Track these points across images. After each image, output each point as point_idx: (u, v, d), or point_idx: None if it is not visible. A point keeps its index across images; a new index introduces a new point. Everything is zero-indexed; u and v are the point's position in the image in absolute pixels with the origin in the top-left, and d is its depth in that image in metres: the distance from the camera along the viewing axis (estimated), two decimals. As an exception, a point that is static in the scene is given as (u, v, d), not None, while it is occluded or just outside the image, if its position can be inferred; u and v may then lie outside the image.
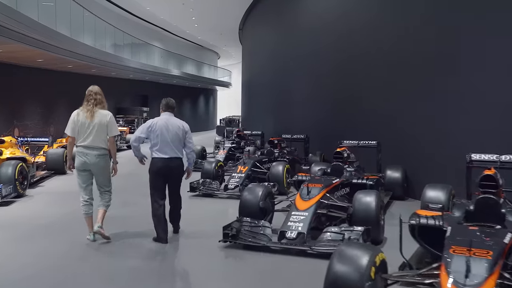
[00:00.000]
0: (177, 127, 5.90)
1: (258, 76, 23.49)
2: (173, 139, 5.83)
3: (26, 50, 11.11)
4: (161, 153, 5.81)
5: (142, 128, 5.97)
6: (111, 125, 5.81)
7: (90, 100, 5.79)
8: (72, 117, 5.78)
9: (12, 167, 8.75)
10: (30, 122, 16.03)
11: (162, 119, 5.94)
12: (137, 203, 8.30)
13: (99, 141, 5.70)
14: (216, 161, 10.25)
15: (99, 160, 5.72)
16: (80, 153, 5.69)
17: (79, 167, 5.73)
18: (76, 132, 5.70)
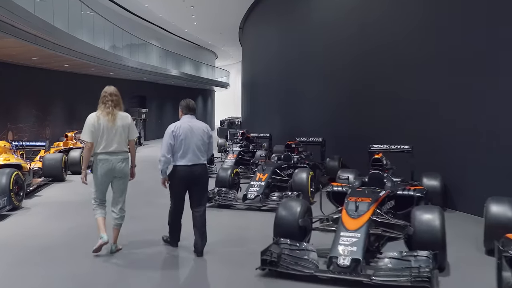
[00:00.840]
0: (201, 131, 5.52)
1: (262, 76, 22.60)
2: (197, 144, 5.44)
3: (22, 46, 10.16)
4: (184, 160, 5.39)
5: (166, 136, 5.43)
6: (132, 128, 5.52)
7: (108, 102, 5.40)
8: (91, 121, 5.32)
9: (7, 176, 7.81)
10: (24, 124, 15.03)
11: (185, 122, 5.50)
12: (144, 214, 7.43)
13: (122, 145, 5.40)
14: (231, 167, 9.34)
15: (124, 165, 5.43)
16: (103, 160, 5.32)
17: (103, 175, 5.38)
18: (96, 137, 5.30)
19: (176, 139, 5.36)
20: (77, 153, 12.80)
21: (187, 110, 5.61)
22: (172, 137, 5.38)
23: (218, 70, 44.03)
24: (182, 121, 5.53)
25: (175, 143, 5.37)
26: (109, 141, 5.31)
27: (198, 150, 5.43)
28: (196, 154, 5.42)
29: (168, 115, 32.67)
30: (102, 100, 5.43)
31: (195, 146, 5.40)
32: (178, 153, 5.37)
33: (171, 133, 5.39)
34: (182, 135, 5.37)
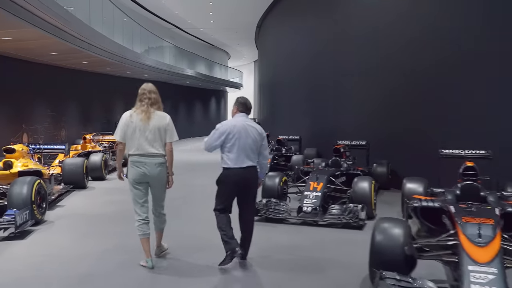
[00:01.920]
0: (255, 132, 5.09)
1: (285, 75, 21.49)
2: (251, 146, 5.03)
3: (41, 38, 9.14)
4: (237, 162, 4.97)
5: (215, 134, 5.02)
6: (171, 129, 5.01)
7: (144, 100, 4.95)
8: (124, 120, 4.94)
9: (28, 186, 6.76)
10: (39, 126, 14.01)
11: (239, 121, 5.06)
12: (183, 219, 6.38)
13: (158, 147, 4.92)
14: (279, 175, 8.24)
15: (160, 170, 4.96)
16: (137, 162, 4.88)
17: (136, 180, 4.91)
18: (127, 137, 4.90)
19: (229, 138, 4.96)
20: (97, 157, 11.76)
21: (244, 108, 5.17)
22: (222, 134, 4.97)
23: (230, 71, 43.01)
24: (236, 119, 5.09)
25: (228, 143, 4.97)
26: (141, 142, 4.86)
27: (251, 152, 5.04)
28: (250, 156, 5.03)
29: (182, 116, 31.66)
30: (140, 98, 4.99)
31: (248, 148, 5.00)
32: (231, 154, 4.96)
33: (221, 133, 4.99)
34: (236, 135, 4.95)
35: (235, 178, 4.99)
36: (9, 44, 9.51)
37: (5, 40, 8.87)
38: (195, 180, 11.19)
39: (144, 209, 4.98)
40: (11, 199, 6.62)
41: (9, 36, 8.48)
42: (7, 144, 11.78)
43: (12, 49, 10.38)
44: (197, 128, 34.19)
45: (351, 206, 7.16)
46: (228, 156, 4.99)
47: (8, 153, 8.57)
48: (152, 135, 4.87)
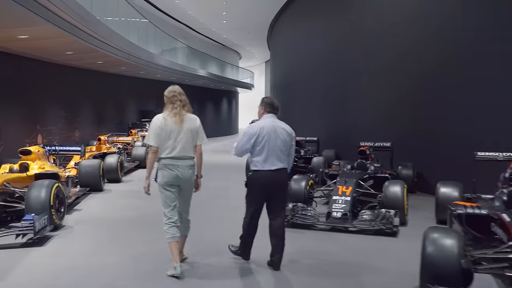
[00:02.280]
0: (285, 133, 4.98)
1: (300, 75, 21.16)
2: (281, 147, 4.91)
3: (58, 37, 8.88)
4: (267, 164, 4.86)
5: (244, 138, 4.95)
6: (201, 131, 4.97)
7: (176, 102, 4.86)
8: (157, 124, 4.82)
9: (46, 189, 6.47)
10: (54, 127, 13.76)
11: (268, 122, 4.95)
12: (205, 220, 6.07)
13: (189, 149, 4.87)
14: (306, 178, 7.90)
15: (191, 173, 4.89)
16: (170, 165, 4.79)
17: (169, 183, 4.80)
18: (161, 141, 4.77)
19: (258, 141, 4.86)
20: (113, 159, 11.48)
21: (271, 108, 5.06)
22: (252, 139, 4.88)
23: (241, 72, 42.68)
24: (264, 120, 4.98)
25: (257, 145, 4.86)
26: (175, 145, 4.77)
27: (281, 154, 4.92)
28: (280, 158, 4.91)
29: (194, 117, 31.37)
30: (171, 100, 4.87)
31: (278, 149, 4.89)
32: (261, 156, 4.86)
33: (251, 134, 4.89)
34: (266, 136, 4.84)
35: (264, 181, 4.88)
36: (25, 43, 9.26)
37: (22, 38, 8.61)
38: (212, 182, 10.87)
39: (174, 212, 4.87)
40: (29, 203, 6.33)
41: (25, 34, 8.22)
42: (22, 145, 11.57)
43: (28, 48, 10.13)
44: (209, 129, 33.77)
45: (383, 212, 6.82)
46: (258, 159, 4.88)
47: (24, 155, 8.32)
48: (185, 138, 4.80)
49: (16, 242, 5.77)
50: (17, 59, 11.34)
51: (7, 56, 10.87)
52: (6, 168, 7.91)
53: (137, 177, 12.65)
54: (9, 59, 11.00)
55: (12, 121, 11.09)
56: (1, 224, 6.70)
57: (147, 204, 8.71)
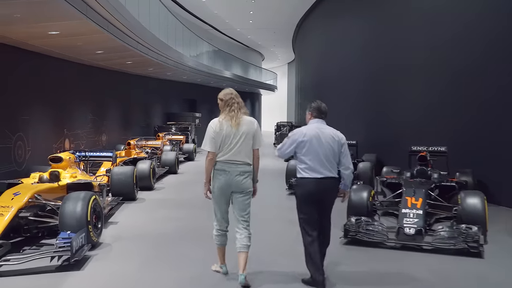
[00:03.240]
0: (331, 138, 4.69)
1: (332, 76, 20.28)
2: (326, 154, 4.63)
3: (92, 33, 8.20)
4: (312, 172, 4.59)
5: (287, 142, 4.76)
6: (259, 135, 4.76)
7: (233, 105, 4.70)
8: (213, 128, 4.63)
9: (83, 203, 5.72)
10: (81, 131, 13.11)
11: (313, 128, 4.73)
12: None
13: (245, 154, 4.64)
14: (367, 188, 7.04)
15: (244, 178, 4.63)
16: (222, 170, 4.61)
17: (221, 188, 4.62)
18: (218, 146, 4.59)
19: (300, 147, 4.64)
20: (145, 165, 10.75)
21: (318, 113, 4.80)
22: (294, 144, 4.67)
23: (264, 73, 41.89)
24: (310, 126, 4.75)
25: (299, 152, 4.65)
26: (230, 149, 4.58)
27: (327, 161, 4.61)
28: (326, 166, 4.60)
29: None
30: (227, 103, 4.70)
31: (323, 156, 4.60)
32: (305, 163, 4.61)
33: (295, 139, 4.68)
34: (308, 143, 4.61)
35: (311, 188, 4.59)
36: (55, 40, 8.58)
37: (53, 34, 7.92)
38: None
39: (224, 220, 4.72)
40: (64, 219, 5.60)
41: (57, 29, 7.53)
42: (49, 150, 10.92)
43: (57, 47, 9.47)
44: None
45: (463, 227, 5.93)
46: (302, 166, 4.64)
47: (54, 162, 7.63)
48: (241, 142, 4.59)
49: (50, 264, 5.04)
50: (44, 59, 10.70)
51: (35, 56, 10.23)
52: (36, 177, 7.23)
53: (168, 183, 11.92)
54: (37, 58, 10.36)
55: (39, 125, 10.44)
56: (32, 242, 6.00)
57: (189, 215, 8.00)
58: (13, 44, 8.90)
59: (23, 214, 5.79)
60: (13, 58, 9.35)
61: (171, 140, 17.70)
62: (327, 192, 4.65)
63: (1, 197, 5.93)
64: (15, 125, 9.36)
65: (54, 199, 6.71)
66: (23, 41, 8.41)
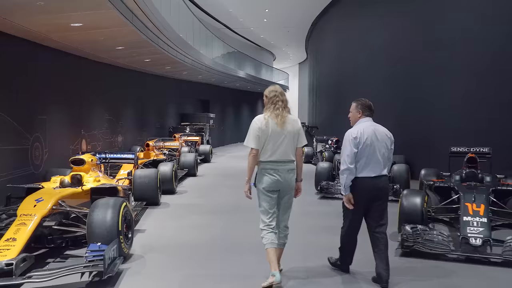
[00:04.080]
0: (385, 137, 4.67)
1: (350, 74, 19.65)
2: (382, 153, 4.60)
3: (114, 25, 7.62)
4: (366, 171, 4.57)
5: (349, 146, 4.58)
6: (302, 134, 4.72)
7: (278, 103, 4.61)
8: (257, 125, 4.57)
9: (113, 210, 5.14)
10: (97, 131, 12.54)
11: (368, 126, 4.66)
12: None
13: (290, 153, 4.60)
14: (420, 193, 6.40)
15: (292, 177, 4.62)
16: (270, 170, 4.55)
17: (268, 188, 4.55)
18: (262, 143, 4.54)
19: (360, 146, 4.54)
20: (167, 167, 10.18)
21: (368, 111, 4.75)
22: (356, 144, 4.54)
23: (275, 73, 41.23)
24: (363, 124, 4.67)
25: (358, 150, 4.54)
26: (276, 148, 4.52)
27: (382, 160, 4.60)
28: (380, 164, 4.59)
29: (230, 121, 30.16)
30: (272, 101, 4.62)
31: (379, 155, 4.57)
32: (361, 162, 4.55)
33: (353, 140, 4.55)
34: (368, 140, 4.55)
35: (365, 188, 4.56)
36: (76, 34, 8.00)
37: (75, 27, 7.33)
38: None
39: (273, 218, 4.59)
40: (93, 228, 5.01)
41: (81, 21, 6.94)
42: (66, 152, 10.36)
43: (77, 42, 8.89)
44: (245, 134, 32.25)
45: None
46: (356, 165, 4.54)
47: (76, 165, 7.06)
48: (286, 140, 4.55)
49: (80, 281, 4.46)
50: (61, 55, 10.14)
51: (52, 52, 9.67)
52: (57, 181, 6.64)
53: (190, 187, 11.34)
54: (55, 55, 9.81)
55: (57, 125, 9.87)
56: (55, 253, 5.43)
57: (222, 222, 7.41)
58: (31, 38, 8.35)
59: (47, 223, 5.21)
60: (31, 54, 8.80)
61: (186, 141, 17.14)
62: (382, 190, 4.65)
63: (23, 204, 5.36)
64: (32, 125, 8.80)
65: (78, 205, 6.15)
66: (43, 34, 7.81)
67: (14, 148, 8.09)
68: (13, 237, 4.69)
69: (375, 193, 4.59)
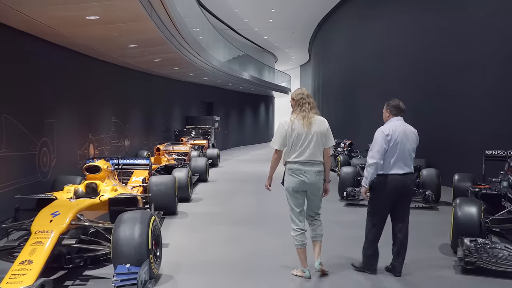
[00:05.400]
0: (414, 137, 4.84)
1: (360, 75, 19.07)
2: (410, 151, 4.78)
3: (132, 19, 6.97)
4: (395, 168, 4.70)
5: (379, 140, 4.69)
6: (329, 135, 4.78)
7: (304, 105, 4.71)
8: (284, 127, 4.69)
9: (142, 226, 4.50)
10: (105, 135, 11.89)
11: (399, 125, 4.79)
12: None
13: (318, 153, 4.69)
14: (475, 202, 5.78)
15: (319, 178, 4.71)
16: (297, 170, 4.65)
17: (295, 188, 4.67)
18: (289, 144, 4.65)
19: (390, 144, 4.69)
20: (182, 173, 9.53)
21: (398, 111, 4.90)
22: (387, 141, 4.68)
23: (278, 75, 40.59)
24: (395, 123, 4.83)
25: (389, 148, 4.69)
26: (303, 149, 4.65)
27: (410, 157, 4.80)
28: (408, 162, 4.78)
29: (233, 123, 29.50)
30: (298, 103, 4.77)
31: (407, 153, 4.76)
32: (390, 159, 4.71)
33: (385, 137, 4.70)
34: (398, 138, 4.71)
35: (394, 184, 4.71)
36: (90, 29, 7.34)
37: (90, 20, 6.68)
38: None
39: (302, 218, 4.78)
40: (119, 247, 4.37)
41: (97, 13, 6.29)
42: (74, 157, 9.71)
43: (89, 38, 8.22)
44: (248, 137, 31.89)
45: None
46: (386, 162, 4.70)
47: (91, 172, 6.40)
48: (313, 141, 4.65)
49: (109, 311, 3.82)
50: (71, 54, 9.51)
51: (61, 50, 9.03)
52: (71, 190, 5.99)
53: (204, 193, 10.67)
54: (63, 53, 9.16)
55: (65, 129, 9.20)
56: (73, 274, 4.79)
57: (251, 235, 6.79)
58: (40, 35, 7.70)
59: (66, 241, 4.56)
60: (39, 52, 8.14)
61: (193, 145, 16.49)
62: (409, 187, 4.82)
63: (37, 218, 4.72)
64: (40, 129, 8.13)
65: (96, 218, 5.51)
66: (54, 28, 7.14)
67: (21, 154, 7.41)
68: (29, 259, 4.06)
69: (403, 190, 4.76)
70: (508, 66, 9.92)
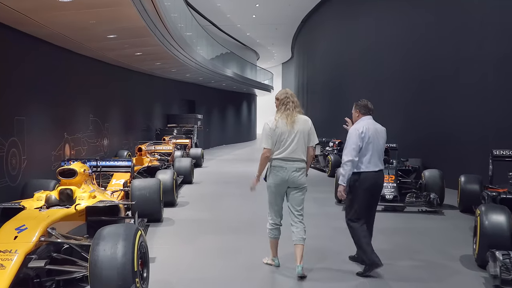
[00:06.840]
0: (383, 133, 4.99)
1: (354, 73, 18.51)
2: (382, 148, 4.94)
3: (112, 4, 6.21)
4: (372, 166, 4.84)
5: (355, 137, 4.80)
6: (313, 132, 4.90)
7: (288, 103, 4.84)
8: (268, 126, 4.80)
9: (126, 243, 3.74)
10: (81, 134, 11.02)
11: (370, 123, 4.93)
12: None
13: (300, 151, 4.79)
14: (504, 210, 5.15)
15: (300, 175, 4.78)
16: (278, 167, 4.77)
17: (276, 184, 4.79)
18: (274, 143, 4.76)
19: (364, 141, 4.79)
20: (167, 175, 8.76)
21: (367, 110, 5.00)
22: (361, 139, 4.79)
23: (259, 73, 39.86)
24: (367, 121, 4.92)
25: (363, 146, 4.79)
26: (285, 146, 4.73)
27: (382, 155, 4.95)
28: (381, 159, 4.93)
29: (216, 122, 28.71)
30: (283, 101, 4.85)
31: (380, 150, 4.90)
32: (366, 157, 4.81)
33: (359, 134, 4.80)
34: (371, 137, 4.81)
35: (372, 181, 4.83)
36: (64, 15, 6.50)
37: (63, 4, 5.86)
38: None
39: (279, 214, 4.90)
40: (98, 270, 3.59)
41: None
42: (48, 159, 8.86)
43: (63, 25, 7.36)
44: (230, 135, 31.16)
45: None
46: (361, 159, 4.80)
47: (66, 177, 5.60)
48: (296, 140, 4.74)
49: None
50: (41, 44, 8.66)
51: (30, 40, 8.18)
52: (42, 197, 5.19)
53: (189, 197, 9.92)
54: (33, 43, 8.31)
55: (37, 127, 8.36)
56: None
57: (245, 242, 6.11)
58: (8, 22, 6.86)
59: (34, 262, 3.78)
60: (7, 42, 7.30)
61: (176, 144, 15.69)
62: (381, 185, 4.98)
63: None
64: (8, 127, 7.28)
65: (71, 230, 4.75)
66: (24, 14, 6.30)
67: (-15, 156, 6.58)
68: (-13, 287, 3.27)
69: (377, 188, 4.93)
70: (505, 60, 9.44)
